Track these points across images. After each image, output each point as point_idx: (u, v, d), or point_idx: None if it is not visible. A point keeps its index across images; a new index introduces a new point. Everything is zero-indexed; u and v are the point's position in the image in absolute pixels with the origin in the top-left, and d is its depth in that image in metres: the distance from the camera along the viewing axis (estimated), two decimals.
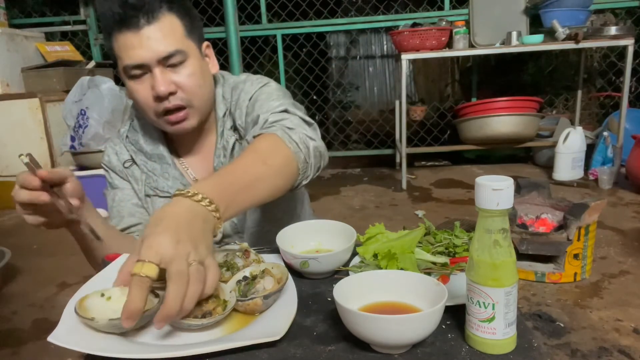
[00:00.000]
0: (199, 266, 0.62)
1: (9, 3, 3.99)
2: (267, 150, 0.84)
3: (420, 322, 0.59)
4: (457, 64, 4.99)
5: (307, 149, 0.90)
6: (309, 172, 0.91)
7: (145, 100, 0.98)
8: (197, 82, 0.99)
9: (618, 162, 3.36)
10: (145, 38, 0.93)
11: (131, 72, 0.96)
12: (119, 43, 0.95)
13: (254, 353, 0.63)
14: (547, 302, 1.80)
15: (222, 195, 0.71)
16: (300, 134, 0.90)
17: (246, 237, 1.14)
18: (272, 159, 0.83)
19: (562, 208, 2.02)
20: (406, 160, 3.56)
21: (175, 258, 0.60)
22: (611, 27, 3.20)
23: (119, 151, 1.13)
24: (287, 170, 0.85)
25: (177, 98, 0.97)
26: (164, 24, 0.94)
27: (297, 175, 0.88)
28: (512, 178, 0.60)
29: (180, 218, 0.64)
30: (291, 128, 0.90)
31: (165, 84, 0.95)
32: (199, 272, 0.62)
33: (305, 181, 0.91)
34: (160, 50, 0.94)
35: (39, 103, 3.47)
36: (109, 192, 1.14)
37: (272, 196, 0.83)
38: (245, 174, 0.78)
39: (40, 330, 1.89)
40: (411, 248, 0.82)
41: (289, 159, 0.85)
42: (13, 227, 3.20)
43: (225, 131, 1.09)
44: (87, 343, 0.63)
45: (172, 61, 0.95)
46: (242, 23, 4.26)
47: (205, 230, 0.66)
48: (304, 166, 0.88)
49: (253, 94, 1.05)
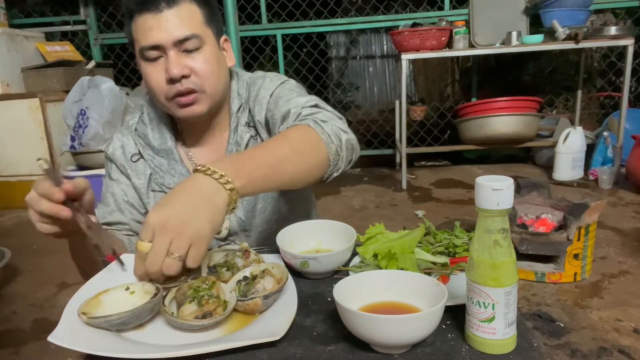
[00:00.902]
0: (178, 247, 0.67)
1: (9, 3, 3.99)
2: (296, 137, 0.86)
3: (420, 322, 0.59)
4: (457, 64, 4.99)
5: (340, 141, 0.91)
6: (340, 164, 0.92)
7: (158, 83, 0.98)
8: (211, 69, 0.99)
9: (618, 162, 3.36)
10: (164, 20, 0.94)
11: (146, 54, 0.97)
12: (137, 25, 0.96)
13: (254, 353, 0.63)
14: (547, 302, 1.80)
15: (240, 171, 0.73)
16: (333, 126, 0.92)
17: (253, 235, 1.14)
18: (299, 145, 0.84)
19: (562, 208, 2.02)
20: (406, 160, 3.56)
21: (161, 234, 0.66)
22: (611, 27, 3.20)
23: (126, 143, 1.12)
24: (315, 158, 0.86)
25: (189, 82, 0.98)
26: (184, 9, 0.96)
27: (327, 166, 0.89)
28: (512, 178, 0.60)
29: (187, 192, 0.69)
30: (324, 121, 0.92)
31: (178, 67, 0.95)
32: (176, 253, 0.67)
33: (336, 173, 0.92)
34: (177, 33, 0.95)
35: (39, 103, 3.47)
36: (105, 180, 1.14)
37: (298, 181, 0.85)
38: (268, 154, 0.80)
39: (40, 330, 1.89)
40: (411, 248, 0.82)
41: (318, 148, 0.87)
42: (13, 227, 3.20)
43: (239, 127, 1.09)
44: (87, 343, 0.63)
45: (188, 46, 0.96)
46: (242, 23, 4.26)
47: (211, 204, 0.69)
48: (335, 158, 0.90)
49: (274, 90, 1.06)
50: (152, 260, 0.67)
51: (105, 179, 1.14)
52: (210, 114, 1.06)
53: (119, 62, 4.45)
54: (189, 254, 0.68)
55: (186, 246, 0.67)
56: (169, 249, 0.67)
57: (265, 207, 1.12)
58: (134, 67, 4.42)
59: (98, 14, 4.39)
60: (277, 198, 1.12)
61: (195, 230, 0.68)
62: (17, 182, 3.61)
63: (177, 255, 0.67)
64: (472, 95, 4.45)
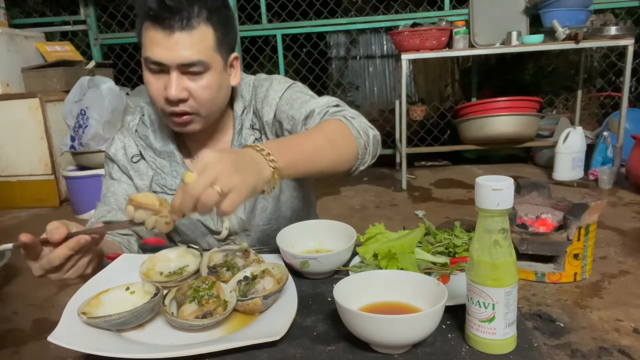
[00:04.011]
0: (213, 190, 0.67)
1: (9, 3, 3.99)
2: (332, 130, 0.91)
3: (420, 322, 0.59)
4: (457, 64, 4.99)
5: (367, 136, 0.96)
6: (367, 158, 0.97)
7: (156, 95, 0.98)
8: (211, 95, 0.98)
9: (618, 162, 3.36)
10: (174, 42, 0.91)
11: (150, 66, 0.96)
12: (147, 33, 0.93)
13: (254, 353, 0.63)
14: (547, 302, 1.80)
15: (283, 154, 0.78)
16: (361, 122, 0.97)
17: (254, 235, 1.14)
18: (334, 137, 0.90)
19: (562, 208, 2.02)
20: (406, 160, 3.56)
21: (212, 167, 0.68)
22: (611, 27, 3.19)
23: (128, 144, 1.12)
24: (347, 152, 0.91)
25: (186, 105, 0.97)
26: (196, 34, 0.92)
27: (355, 159, 0.94)
28: (512, 178, 0.60)
29: (239, 155, 0.73)
30: (353, 117, 0.96)
31: (177, 90, 0.94)
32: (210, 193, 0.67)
33: (362, 167, 0.97)
34: (184, 57, 0.92)
35: (39, 103, 3.47)
36: (105, 180, 1.14)
37: (330, 171, 0.90)
38: (309, 143, 0.86)
39: (40, 330, 1.89)
40: (411, 248, 0.82)
41: (350, 142, 0.92)
42: (13, 227, 3.20)
43: (244, 129, 1.10)
44: (87, 343, 0.63)
45: (192, 69, 0.94)
46: (242, 23, 4.26)
47: (257, 171, 0.73)
48: (362, 152, 0.94)
49: (283, 92, 1.07)
50: (195, 186, 0.67)
51: (105, 179, 1.14)
52: (204, 127, 1.05)
53: (119, 62, 4.45)
54: (228, 197, 0.68)
55: (230, 185, 0.68)
56: (213, 182, 0.67)
57: (266, 206, 1.12)
58: (134, 67, 4.42)
59: (98, 14, 4.39)
60: (277, 198, 1.13)
61: (242, 179, 0.69)
62: (17, 182, 3.61)
63: (220, 188, 0.67)
64: (472, 95, 4.45)
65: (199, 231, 1.13)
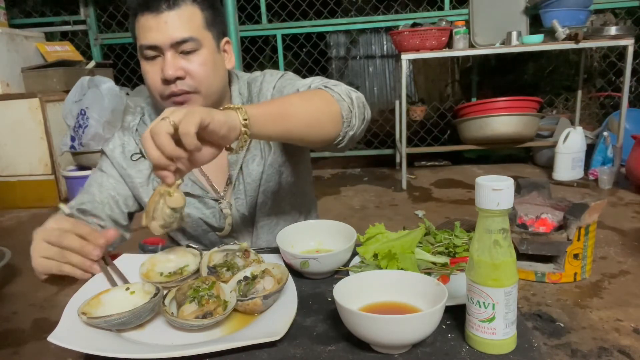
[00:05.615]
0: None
1: (9, 3, 3.99)
2: (310, 93, 0.94)
3: (420, 322, 0.59)
4: (457, 64, 4.99)
5: (351, 99, 0.96)
6: (355, 121, 0.96)
7: (154, 82, 1.00)
8: (207, 72, 1.01)
9: (618, 162, 3.36)
10: (163, 22, 0.96)
11: (145, 53, 0.99)
12: (139, 23, 0.98)
13: (254, 353, 0.63)
14: (547, 302, 1.80)
15: (254, 107, 0.81)
16: (343, 87, 0.97)
17: (257, 230, 1.15)
18: (312, 97, 0.92)
19: (562, 208, 2.02)
20: (406, 160, 3.56)
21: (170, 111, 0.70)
22: (611, 27, 3.19)
23: (127, 143, 1.12)
24: (326, 109, 0.91)
25: (183, 84, 0.99)
26: (184, 12, 0.97)
27: (341, 122, 0.93)
28: (512, 178, 0.60)
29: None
30: (335, 85, 0.98)
31: (173, 68, 0.97)
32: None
33: (351, 132, 0.96)
34: (175, 35, 0.96)
35: (39, 103, 3.47)
36: (94, 172, 1.14)
37: (313, 132, 0.90)
38: (283, 100, 0.90)
39: (40, 330, 1.89)
40: (411, 248, 0.82)
41: (331, 103, 0.92)
42: (13, 227, 3.20)
43: None
44: (87, 343, 0.63)
45: (185, 48, 0.98)
46: (242, 23, 4.26)
47: (219, 112, 0.73)
48: (348, 114, 0.94)
49: (276, 82, 1.10)
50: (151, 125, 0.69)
51: (94, 171, 1.15)
52: None
53: (119, 62, 4.45)
54: (183, 120, 0.68)
55: (181, 115, 0.69)
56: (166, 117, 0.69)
57: (265, 201, 1.13)
58: (134, 67, 4.42)
59: (98, 14, 4.39)
60: (276, 192, 1.14)
61: (198, 110, 0.70)
62: (17, 182, 3.61)
63: (171, 120, 0.68)
64: (472, 95, 4.44)
65: (201, 229, 1.14)
